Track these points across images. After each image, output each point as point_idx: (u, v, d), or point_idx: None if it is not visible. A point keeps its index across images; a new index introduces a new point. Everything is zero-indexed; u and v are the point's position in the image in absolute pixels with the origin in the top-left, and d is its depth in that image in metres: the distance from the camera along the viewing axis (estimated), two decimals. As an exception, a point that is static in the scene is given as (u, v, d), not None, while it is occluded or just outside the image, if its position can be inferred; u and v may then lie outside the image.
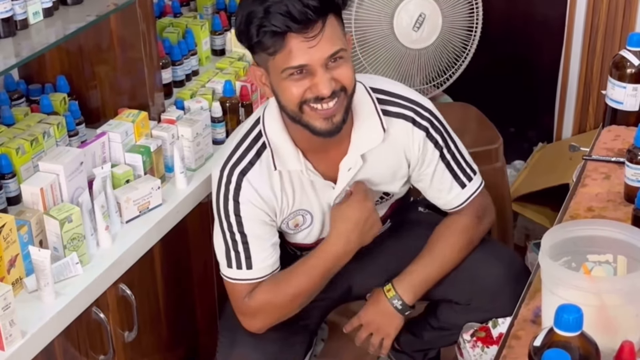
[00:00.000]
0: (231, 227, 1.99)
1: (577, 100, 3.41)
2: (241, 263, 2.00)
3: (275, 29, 1.77)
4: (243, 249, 2.00)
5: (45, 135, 2.15)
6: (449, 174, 2.07)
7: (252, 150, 1.97)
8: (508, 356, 1.56)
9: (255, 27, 1.79)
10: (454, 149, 2.07)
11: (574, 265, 1.59)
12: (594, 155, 2.14)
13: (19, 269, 1.88)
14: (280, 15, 1.75)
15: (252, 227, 1.99)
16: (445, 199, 2.11)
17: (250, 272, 2.01)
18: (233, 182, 1.96)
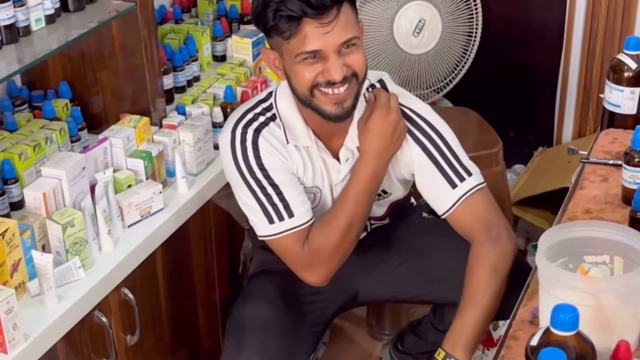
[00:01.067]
0: (260, 182, 1.97)
1: (576, 104, 3.42)
2: (282, 214, 1.97)
3: (292, 14, 1.80)
4: (279, 199, 1.97)
5: (47, 141, 2.16)
6: (438, 173, 2.02)
7: (264, 116, 2.00)
8: (506, 356, 1.57)
9: (271, 11, 1.82)
10: (444, 147, 2.02)
11: (571, 266, 1.60)
12: (592, 158, 2.15)
13: (21, 273, 1.89)
14: (297, 0, 1.79)
15: (280, 176, 1.98)
16: (438, 199, 2.04)
17: (294, 220, 1.98)
18: (249, 139, 1.97)
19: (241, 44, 2.74)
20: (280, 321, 2.10)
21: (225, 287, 2.49)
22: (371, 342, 2.90)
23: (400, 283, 2.23)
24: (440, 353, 1.96)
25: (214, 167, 2.38)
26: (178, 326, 2.33)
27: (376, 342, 2.89)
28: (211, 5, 2.95)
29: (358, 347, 2.89)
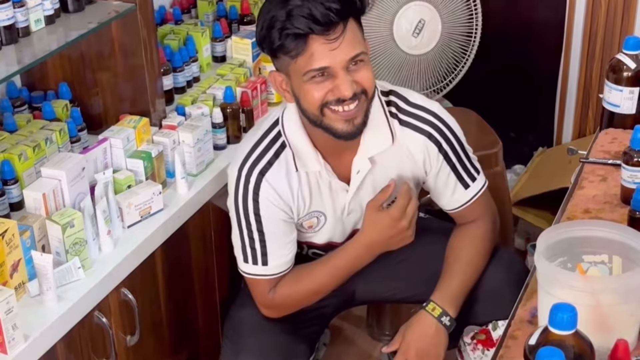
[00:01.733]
0: (250, 225, 2.01)
1: (576, 105, 3.42)
2: (257, 259, 2.03)
3: (298, 31, 1.80)
4: (260, 246, 2.02)
5: (47, 142, 2.16)
6: (453, 175, 2.08)
7: (270, 150, 1.99)
8: (505, 356, 1.57)
9: (277, 31, 1.82)
10: (459, 149, 2.07)
11: (570, 265, 1.60)
12: (591, 157, 2.15)
13: (21, 273, 1.89)
14: (303, 18, 1.79)
15: (270, 226, 2.01)
16: (450, 198, 2.12)
17: (266, 269, 2.04)
18: (252, 182, 1.98)
19: (241, 44, 2.74)
20: (277, 323, 2.10)
21: (225, 287, 2.49)
22: (371, 343, 2.90)
23: (398, 282, 2.23)
24: (435, 309, 2.08)
25: (213, 168, 2.38)
26: (178, 327, 2.33)
27: (376, 343, 2.88)
28: (211, 6, 2.96)
29: (358, 347, 2.89)
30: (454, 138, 2.06)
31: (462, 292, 2.11)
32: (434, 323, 2.08)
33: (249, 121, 2.52)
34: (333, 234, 2.14)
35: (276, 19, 1.81)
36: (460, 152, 2.07)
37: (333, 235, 2.15)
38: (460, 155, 2.07)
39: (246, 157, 2.00)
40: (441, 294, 2.09)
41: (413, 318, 2.12)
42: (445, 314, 2.08)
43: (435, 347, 2.09)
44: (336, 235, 2.15)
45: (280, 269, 2.05)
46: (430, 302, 2.09)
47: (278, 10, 1.81)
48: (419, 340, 2.08)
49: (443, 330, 2.08)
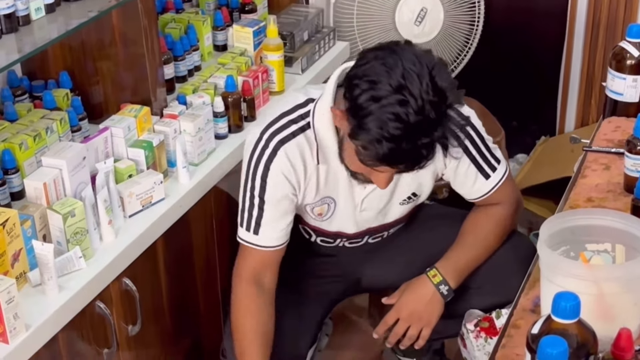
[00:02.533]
0: (253, 189, 1.99)
1: (579, 93, 3.41)
2: (250, 226, 2.02)
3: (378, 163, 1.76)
4: (257, 214, 2.01)
5: (48, 131, 2.16)
6: (474, 167, 2.06)
7: (297, 124, 1.96)
8: (507, 345, 1.57)
9: (370, 141, 1.70)
10: (479, 142, 2.05)
11: (573, 254, 1.60)
12: (594, 146, 2.15)
13: (22, 263, 1.89)
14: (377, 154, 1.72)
15: (273, 197, 1.98)
16: (470, 189, 2.10)
17: (256, 238, 2.02)
18: (270, 148, 1.95)
19: (242, 33, 2.73)
20: (281, 308, 2.10)
21: (226, 276, 2.47)
22: (373, 332, 2.89)
23: (403, 269, 2.23)
24: (436, 276, 2.09)
25: (215, 157, 2.37)
26: (180, 316, 2.32)
27: (378, 332, 2.88)
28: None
29: (360, 337, 2.88)
30: (473, 131, 2.03)
31: (468, 266, 2.11)
32: (431, 289, 2.09)
33: (250, 110, 2.52)
34: (343, 225, 2.14)
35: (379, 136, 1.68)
36: (479, 144, 2.04)
37: (343, 227, 2.15)
38: (479, 147, 2.04)
39: (272, 122, 1.97)
40: (446, 263, 2.10)
41: (414, 279, 2.13)
42: (444, 282, 2.09)
43: (428, 313, 2.11)
44: (347, 227, 2.15)
45: (269, 242, 2.02)
46: (433, 268, 2.10)
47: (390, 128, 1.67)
48: (414, 302, 2.11)
49: (439, 298, 2.09)
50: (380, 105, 1.66)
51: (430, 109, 1.66)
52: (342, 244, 2.20)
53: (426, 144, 1.69)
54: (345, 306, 2.91)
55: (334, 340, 2.83)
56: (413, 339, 2.15)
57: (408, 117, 1.65)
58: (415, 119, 1.65)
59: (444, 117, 1.70)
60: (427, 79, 1.66)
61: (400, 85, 1.65)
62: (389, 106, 1.65)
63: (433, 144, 1.70)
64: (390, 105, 1.65)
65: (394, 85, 1.66)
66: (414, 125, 1.66)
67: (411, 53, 1.70)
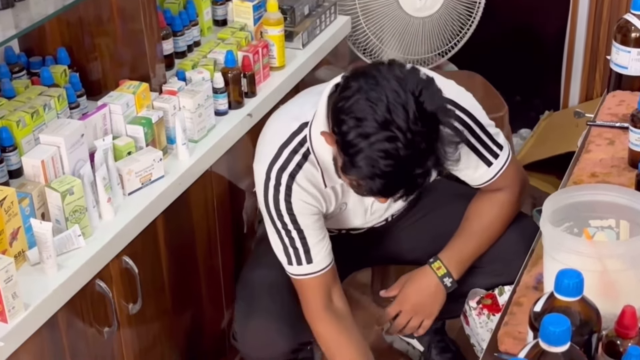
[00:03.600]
0: (286, 225, 1.96)
1: (583, 67, 3.39)
2: (301, 259, 1.99)
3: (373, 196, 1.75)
4: (301, 243, 1.98)
5: (46, 108, 2.14)
6: (474, 155, 2.01)
7: (298, 154, 1.92)
8: (510, 323, 1.56)
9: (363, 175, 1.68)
10: (479, 131, 2.00)
11: (576, 230, 1.58)
12: (598, 120, 2.13)
13: (21, 241, 1.88)
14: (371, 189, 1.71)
15: (306, 221, 1.96)
16: (472, 176, 2.06)
17: (312, 266, 2.00)
18: (283, 184, 1.92)
19: (242, 7, 2.70)
20: (290, 284, 2.09)
21: (227, 253, 2.48)
22: (376, 309, 2.89)
23: (411, 242, 2.23)
24: (440, 268, 2.09)
25: (215, 134, 2.35)
26: (180, 294, 2.31)
27: (381, 309, 2.87)
28: (211, -31, 2.91)
29: (363, 313, 2.87)
30: (472, 121, 1.99)
31: (472, 256, 2.10)
32: (435, 281, 2.09)
33: (250, 86, 2.49)
34: (350, 222, 2.14)
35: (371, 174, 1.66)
36: (479, 133, 2.00)
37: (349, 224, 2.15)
38: (479, 135, 2.00)
39: (274, 158, 1.93)
40: (450, 254, 2.09)
41: (417, 271, 2.13)
42: (448, 275, 2.09)
43: (431, 305, 2.11)
44: (354, 224, 2.15)
45: (324, 263, 2.01)
46: (437, 260, 2.09)
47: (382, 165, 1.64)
48: (417, 295, 2.11)
49: (443, 290, 2.10)
50: (369, 142, 1.62)
51: (421, 140, 1.62)
52: (344, 231, 2.20)
53: (420, 173, 1.67)
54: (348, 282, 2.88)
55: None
56: (414, 330, 2.16)
57: (398, 152, 1.62)
58: (405, 153, 1.62)
59: (436, 142, 1.66)
60: (413, 107, 1.62)
61: (386, 121, 1.61)
62: (377, 143, 1.62)
63: (428, 172, 1.68)
64: (378, 142, 1.62)
65: (380, 121, 1.61)
66: (405, 159, 1.63)
67: (394, 80, 1.64)
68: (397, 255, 2.32)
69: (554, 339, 1.20)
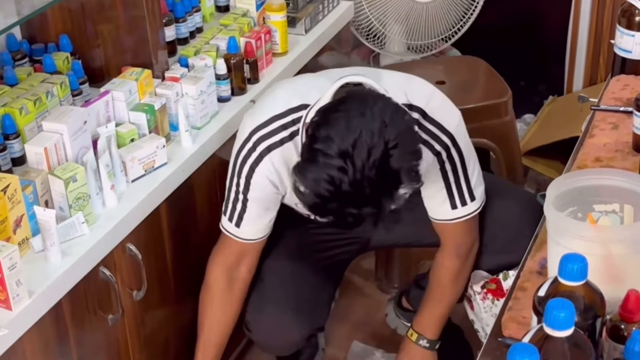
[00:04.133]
0: (238, 185, 2.00)
1: (587, 52, 3.37)
2: (233, 218, 2.05)
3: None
4: (240, 208, 2.02)
5: (48, 95, 2.13)
6: (445, 191, 2.03)
7: (286, 130, 1.93)
8: (514, 307, 1.56)
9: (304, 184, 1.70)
10: (461, 173, 2.00)
11: (580, 215, 1.58)
12: (602, 105, 2.12)
13: (24, 229, 1.88)
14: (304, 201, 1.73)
15: (256, 196, 1.99)
16: (434, 209, 2.09)
17: (237, 230, 2.06)
18: (256, 152, 1.94)
19: (244, -7, 2.69)
20: (300, 273, 2.11)
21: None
22: (380, 295, 2.89)
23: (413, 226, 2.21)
24: (412, 334, 2.28)
25: (218, 120, 2.35)
26: (184, 281, 2.31)
27: (385, 295, 2.88)
28: (213, -46, 2.89)
29: (367, 300, 2.88)
30: (460, 162, 1.99)
31: (439, 318, 2.26)
32: (413, 347, 2.29)
33: (253, 72, 2.48)
34: None
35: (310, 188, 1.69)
36: (460, 175, 2.00)
37: None
38: (459, 177, 2.01)
39: (262, 124, 1.94)
40: (420, 319, 2.28)
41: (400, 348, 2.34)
42: (421, 337, 2.27)
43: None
44: None
45: (250, 236, 2.06)
46: (409, 328, 2.30)
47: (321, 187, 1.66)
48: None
49: (424, 350, 2.28)
50: (324, 162, 1.65)
51: (367, 186, 1.63)
52: None
53: (353, 214, 1.68)
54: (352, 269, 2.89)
55: (341, 303, 2.83)
56: None
57: (341, 184, 1.64)
58: (347, 189, 1.64)
59: (384, 197, 1.67)
60: (377, 156, 1.63)
61: (347, 153, 1.63)
62: (329, 167, 1.64)
63: (361, 217, 1.68)
64: (330, 166, 1.64)
65: (342, 149, 1.63)
66: (345, 195, 1.65)
67: (379, 121, 1.65)
68: (401, 240, 2.33)
69: (558, 324, 1.20)
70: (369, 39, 3.25)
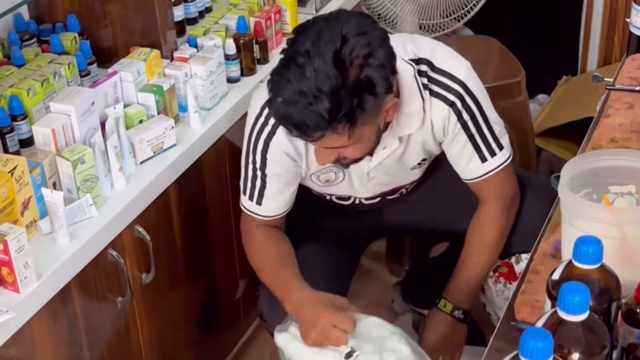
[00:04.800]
0: (255, 162, 1.97)
1: (602, 31, 3.34)
2: (253, 196, 2.01)
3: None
4: (260, 185, 1.99)
5: (56, 76, 2.11)
6: (470, 146, 1.97)
7: None
8: (527, 291, 1.53)
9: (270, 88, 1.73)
10: (482, 122, 1.95)
11: (595, 197, 1.55)
12: (617, 84, 2.09)
13: (32, 211, 1.86)
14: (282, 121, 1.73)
15: (274, 171, 1.96)
16: (464, 168, 2.03)
17: (259, 208, 2.02)
18: (269, 126, 1.92)
19: (254, -28, 2.66)
20: (316, 262, 2.08)
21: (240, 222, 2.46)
22: (391, 278, 2.88)
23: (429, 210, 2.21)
24: (446, 305, 2.11)
25: (227, 101, 2.33)
26: (194, 263, 2.30)
27: (396, 278, 2.86)
28: None
29: (377, 282, 2.87)
30: (477, 109, 1.94)
31: (473, 285, 2.11)
32: (447, 319, 2.12)
33: (262, 52, 2.46)
34: (354, 191, 2.11)
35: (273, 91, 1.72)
36: (481, 124, 1.95)
37: (355, 192, 2.11)
38: (480, 126, 1.95)
39: None
40: (453, 289, 2.11)
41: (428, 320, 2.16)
42: (456, 308, 2.11)
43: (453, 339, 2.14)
44: (359, 193, 2.12)
45: (273, 212, 2.03)
46: (441, 299, 2.12)
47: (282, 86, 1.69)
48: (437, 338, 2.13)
49: (458, 322, 2.12)
50: (285, 63, 1.69)
51: (325, 78, 1.64)
52: (357, 201, 2.17)
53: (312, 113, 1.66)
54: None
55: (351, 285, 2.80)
56: None
57: (302, 79, 1.65)
58: (304, 85, 1.65)
59: (342, 92, 1.66)
60: (334, 47, 1.65)
61: (307, 51, 1.65)
62: (290, 63, 1.67)
63: (320, 116, 1.66)
64: (292, 63, 1.67)
65: (305, 49, 1.66)
66: (301, 91, 1.65)
67: (342, 23, 1.68)
68: (413, 226, 2.30)
69: (573, 308, 1.17)
70: (381, 19, 3.21)
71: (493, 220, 2.07)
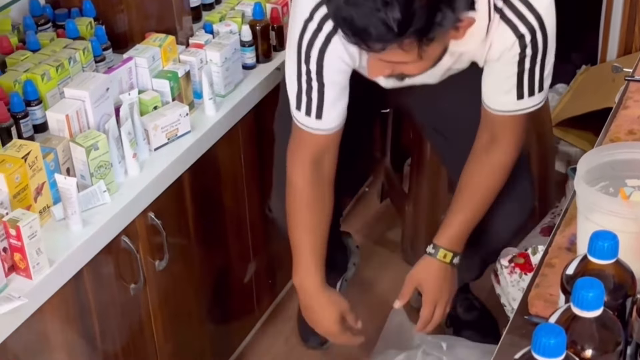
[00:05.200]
0: (310, 73, 1.83)
1: (622, 20, 3.29)
2: (311, 110, 1.87)
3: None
4: (317, 97, 1.86)
5: (71, 61, 2.11)
6: (515, 79, 1.83)
7: None
8: (541, 284, 1.52)
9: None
10: (539, 60, 1.81)
11: (612, 190, 1.53)
12: (637, 75, 2.06)
13: (45, 197, 1.86)
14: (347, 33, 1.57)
15: (332, 77, 1.83)
16: (495, 98, 1.89)
17: (319, 122, 1.89)
18: (324, 33, 1.76)
19: (271, -42, 2.64)
20: None
21: (254, 209, 2.46)
22: (406, 267, 2.85)
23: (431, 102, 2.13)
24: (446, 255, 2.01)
25: (242, 88, 2.32)
26: (207, 250, 2.30)
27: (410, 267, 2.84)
28: None
29: (392, 271, 2.85)
30: (543, 48, 1.80)
31: (470, 228, 2.02)
32: (446, 268, 2.03)
33: (279, 39, 2.44)
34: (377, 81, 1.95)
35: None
36: (538, 63, 1.82)
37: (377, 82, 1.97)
38: (536, 65, 1.82)
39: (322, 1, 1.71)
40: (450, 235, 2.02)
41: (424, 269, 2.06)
42: (455, 255, 2.02)
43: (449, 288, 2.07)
44: (380, 83, 1.97)
45: (332, 124, 1.90)
46: (439, 249, 2.02)
47: None
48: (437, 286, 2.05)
49: (452, 269, 2.05)
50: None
51: None
52: None
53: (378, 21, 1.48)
54: (377, 240, 2.87)
55: (365, 275, 2.80)
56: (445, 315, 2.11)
57: None
58: None
59: (417, 5, 1.48)
60: None
61: None
62: None
63: (387, 26, 1.48)
64: None
65: None
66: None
67: None
68: (412, 109, 2.26)
69: (587, 304, 1.15)
70: (399, 6, 3.19)
71: (505, 166, 1.97)
